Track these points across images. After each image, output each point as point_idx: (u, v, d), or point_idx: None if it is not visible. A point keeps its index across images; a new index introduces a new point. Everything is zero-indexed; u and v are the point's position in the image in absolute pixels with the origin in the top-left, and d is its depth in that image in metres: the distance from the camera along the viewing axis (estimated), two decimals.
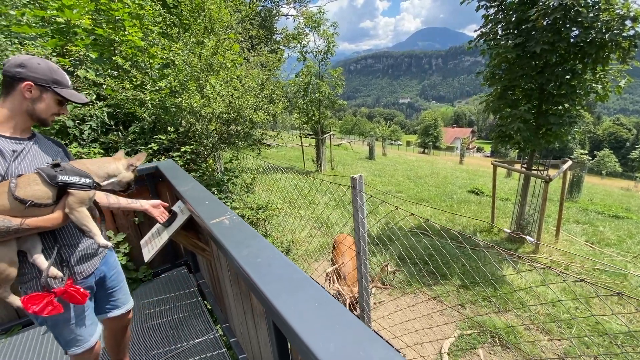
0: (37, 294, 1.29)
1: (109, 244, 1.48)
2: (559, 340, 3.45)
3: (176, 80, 3.42)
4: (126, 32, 3.69)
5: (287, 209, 6.61)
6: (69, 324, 1.47)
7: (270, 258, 1.08)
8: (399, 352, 2.72)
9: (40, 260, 1.30)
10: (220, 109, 3.27)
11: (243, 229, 1.33)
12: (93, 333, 1.58)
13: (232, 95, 3.46)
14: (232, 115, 3.45)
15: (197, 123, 3.31)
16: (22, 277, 1.33)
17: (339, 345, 0.70)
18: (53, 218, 1.29)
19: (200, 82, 3.39)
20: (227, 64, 3.71)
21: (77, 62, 3.42)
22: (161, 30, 4.42)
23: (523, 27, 4.89)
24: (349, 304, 3.03)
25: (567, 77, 4.77)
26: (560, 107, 5.08)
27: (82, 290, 1.39)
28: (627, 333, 3.40)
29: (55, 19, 3.45)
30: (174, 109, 3.57)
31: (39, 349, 2.31)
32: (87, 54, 3.43)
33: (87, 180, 1.33)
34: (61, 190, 1.28)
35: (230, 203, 3.40)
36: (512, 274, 4.65)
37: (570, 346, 3.32)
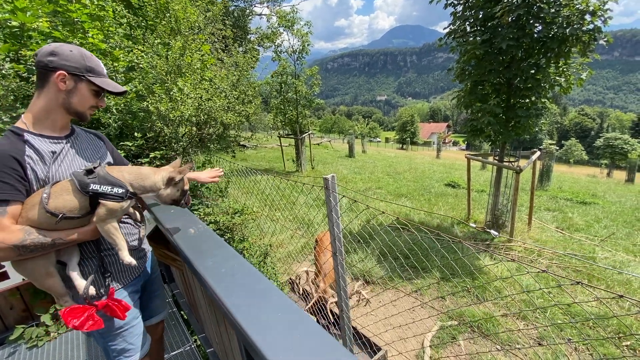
0: (78, 306, 1.20)
1: (134, 261, 1.31)
2: (534, 325, 3.58)
3: (141, 84, 3.29)
4: (87, 35, 3.51)
5: (267, 212, 6.53)
6: (123, 332, 1.37)
7: (235, 268, 1.04)
8: (380, 349, 2.73)
9: (75, 276, 1.20)
10: (189, 112, 3.18)
11: (209, 238, 1.28)
12: (145, 342, 1.48)
13: (201, 97, 3.36)
14: (202, 117, 3.36)
15: (165, 128, 3.19)
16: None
17: (297, 355, 0.67)
18: (89, 230, 1.19)
19: (167, 84, 3.27)
20: (196, 65, 3.60)
21: (33, 67, 3.23)
22: (125, 32, 4.24)
23: (489, 23, 5.04)
24: (318, 303, 3.02)
25: (532, 71, 4.95)
26: (527, 100, 5.27)
27: (123, 303, 1.29)
28: (597, 316, 3.57)
29: (8, 23, 3.24)
30: (142, 114, 3.44)
31: None
32: None
33: (120, 191, 1.19)
34: (95, 199, 1.17)
35: (204, 209, 3.31)
36: (487, 265, 4.79)
37: (544, 330, 3.45)
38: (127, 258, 1.28)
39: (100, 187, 1.14)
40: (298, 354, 0.68)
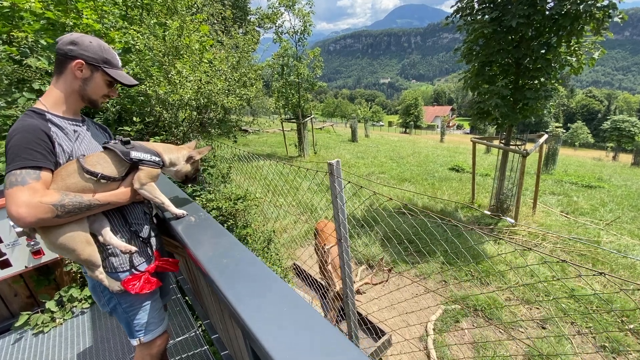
0: (134, 275, 1.36)
1: (184, 212, 1.49)
2: (538, 308, 3.58)
3: (138, 67, 3.19)
4: (81, 15, 3.38)
5: (270, 197, 6.51)
6: (146, 305, 1.45)
7: (237, 259, 1.00)
8: (385, 333, 2.74)
9: (110, 235, 1.29)
10: (189, 95, 3.08)
11: (210, 227, 1.24)
12: (164, 318, 1.57)
13: (200, 80, 3.26)
14: (202, 101, 3.26)
15: (164, 112, 3.11)
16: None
17: (303, 353, 0.63)
18: (122, 192, 1.29)
19: (165, 67, 3.16)
20: (194, 46, 3.48)
21: (27, 50, 3.13)
22: (122, 12, 4.09)
23: (499, 0, 4.82)
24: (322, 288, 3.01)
25: (543, 51, 4.77)
26: (536, 82, 5.10)
27: (171, 260, 1.46)
28: (600, 299, 3.56)
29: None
30: (140, 98, 3.35)
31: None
32: (37, 40, 3.13)
33: (157, 159, 1.36)
34: (129, 167, 1.30)
35: (206, 195, 3.27)
36: (484, 241, 4.77)
37: (547, 313, 3.45)
38: (177, 211, 1.44)
39: (141, 155, 1.30)
40: (305, 353, 0.64)
